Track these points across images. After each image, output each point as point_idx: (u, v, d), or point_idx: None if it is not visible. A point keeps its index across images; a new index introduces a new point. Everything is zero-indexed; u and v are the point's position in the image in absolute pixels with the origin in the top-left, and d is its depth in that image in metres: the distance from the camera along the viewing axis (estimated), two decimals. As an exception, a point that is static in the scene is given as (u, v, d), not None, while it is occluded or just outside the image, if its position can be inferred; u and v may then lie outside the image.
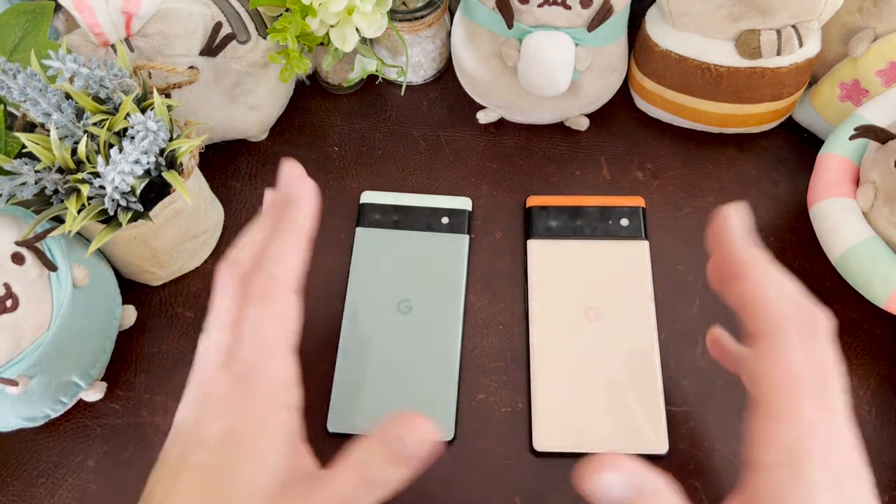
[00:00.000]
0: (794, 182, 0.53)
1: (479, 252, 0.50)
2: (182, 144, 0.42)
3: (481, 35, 0.49)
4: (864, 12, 0.47)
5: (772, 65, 0.47)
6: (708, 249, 0.36)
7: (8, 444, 0.44)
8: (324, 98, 0.58)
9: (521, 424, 0.45)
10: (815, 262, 0.49)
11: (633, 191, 0.53)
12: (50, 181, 0.40)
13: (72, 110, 0.41)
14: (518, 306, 0.48)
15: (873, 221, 0.43)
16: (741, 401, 0.45)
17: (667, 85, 0.51)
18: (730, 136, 0.55)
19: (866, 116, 0.46)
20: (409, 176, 0.54)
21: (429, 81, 0.58)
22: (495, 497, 0.43)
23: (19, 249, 0.39)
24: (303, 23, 0.46)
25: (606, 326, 0.47)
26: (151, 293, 0.49)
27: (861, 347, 0.47)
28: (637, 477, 0.30)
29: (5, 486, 0.43)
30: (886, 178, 0.41)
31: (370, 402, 0.45)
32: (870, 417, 0.44)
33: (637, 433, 0.43)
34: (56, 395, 0.41)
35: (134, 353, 0.47)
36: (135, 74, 0.44)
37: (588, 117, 0.55)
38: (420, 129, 0.56)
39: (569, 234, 0.50)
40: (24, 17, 0.43)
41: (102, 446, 0.44)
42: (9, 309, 0.38)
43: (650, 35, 0.50)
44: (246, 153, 0.55)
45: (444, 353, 0.46)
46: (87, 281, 0.42)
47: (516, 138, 0.55)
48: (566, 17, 0.46)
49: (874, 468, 0.43)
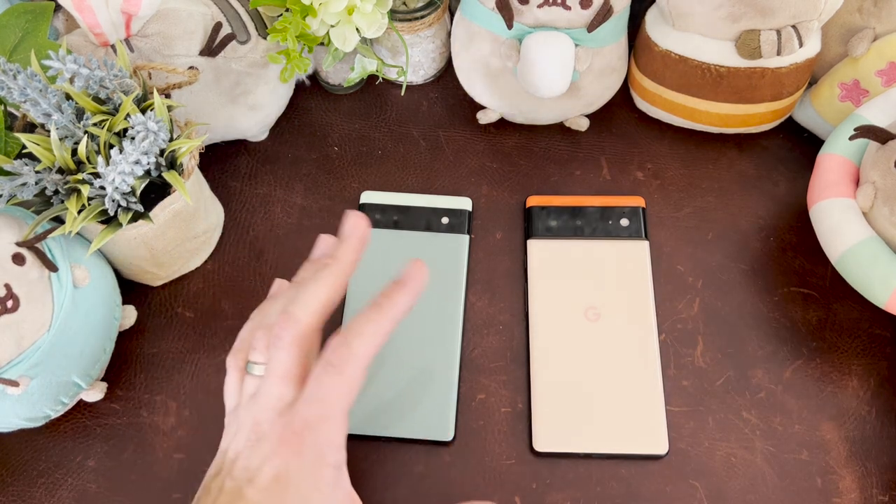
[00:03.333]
0: (794, 182, 0.53)
1: (479, 252, 0.50)
2: (182, 145, 0.42)
3: (481, 35, 0.49)
4: (864, 12, 0.47)
5: (772, 65, 0.47)
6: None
7: (8, 444, 0.44)
8: (324, 98, 0.58)
9: (521, 424, 0.45)
10: (815, 262, 0.50)
11: (633, 191, 0.53)
12: (50, 182, 0.40)
13: (72, 111, 0.41)
14: (518, 306, 0.48)
15: (873, 221, 0.43)
16: (741, 401, 0.45)
17: (667, 85, 0.51)
18: (730, 136, 0.55)
19: (866, 116, 0.46)
20: (409, 176, 0.54)
21: (429, 81, 0.58)
22: (495, 497, 0.43)
23: (20, 250, 0.39)
24: (303, 23, 0.46)
25: (606, 326, 0.47)
26: (151, 293, 0.49)
27: (861, 347, 0.47)
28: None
29: (5, 486, 0.43)
30: (886, 178, 0.41)
31: (370, 403, 0.45)
32: (870, 417, 0.45)
33: (637, 433, 0.43)
34: (56, 396, 0.41)
35: (134, 353, 0.47)
36: (135, 75, 0.44)
37: (588, 117, 0.55)
38: (420, 129, 0.56)
39: (569, 234, 0.50)
40: (24, 18, 0.43)
41: (102, 446, 0.44)
42: (9, 309, 0.38)
43: (650, 35, 0.50)
44: (246, 153, 0.55)
45: (444, 353, 0.46)
46: (87, 281, 0.42)
47: (516, 138, 0.55)
48: (566, 18, 0.46)
49: (874, 468, 0.43)
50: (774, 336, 0.47)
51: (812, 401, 0.45)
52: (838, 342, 0.47)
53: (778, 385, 0.46)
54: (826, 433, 0.44)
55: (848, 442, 0.44)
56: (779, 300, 0.48)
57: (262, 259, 0.50)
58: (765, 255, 0.50)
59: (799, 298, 0.48)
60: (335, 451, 0.33)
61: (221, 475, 0.33)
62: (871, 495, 0.42)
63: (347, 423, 0.34)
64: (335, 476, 0.33)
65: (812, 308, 0.48)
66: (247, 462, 0.33)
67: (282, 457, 0.32)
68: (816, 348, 0.47)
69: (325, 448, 0.33)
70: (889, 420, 0.45)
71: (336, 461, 0.34)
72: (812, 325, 0.48)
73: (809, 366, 0.46)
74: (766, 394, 0.45)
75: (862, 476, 0.43)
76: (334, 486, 0.33)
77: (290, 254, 0.51)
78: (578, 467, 0.43)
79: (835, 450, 0.44)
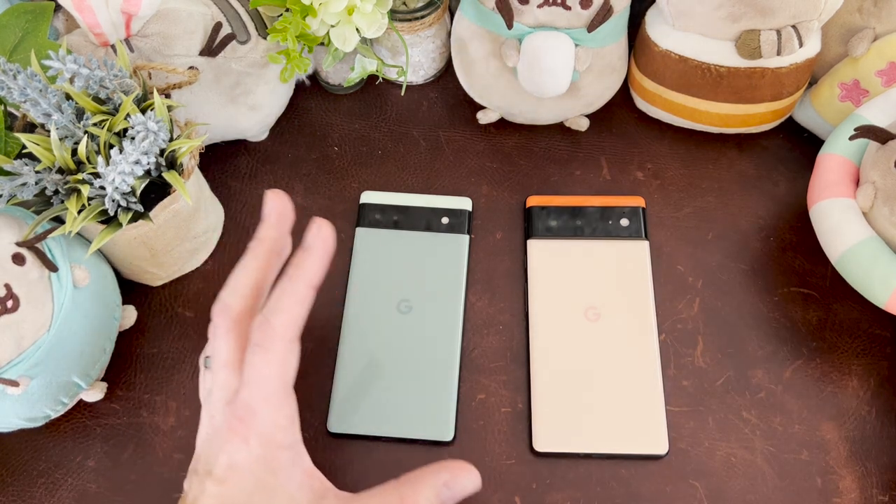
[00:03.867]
0: (794, 182, 0.53)
1: (479, 252, 0.50)
2: (182, 145, 0.42)
3: (481, 35, 0.49)
4: (864, 12, 0.47)
5: (772, 65, 0.47)
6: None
7: (8, 444, 0.44)
8: (324, 98, 0.58)
9: (521, 424, 0.45)
10: (815, 262, 0.50)
11: (633, 191, 0.53)
12: (50, 182, 0.40)
13: (72, 111, 0.41)
14: (518, 306, 0.48)
15: (873, 221, 0.43)
16: (741, 401, 0.45)
17: (667, 85, 0.51)
18: (730, 136, 0.55)
19: (866, 116, 0.46)
20: (409, 176, 0.54)
21: (429, 81, 0.58)
22: (495, 497, 0.43)
23: (20, 250, 0.39)
24: (303, 23, 0.46)
25: (606, 326, 0.47)
26: (151, 293, 0.49)
27: (861, 347, 0.47)
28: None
29: (5, 486, 0.43)
30: (886, 178, 0.41)
31: (370, 403, 0.45)
32: (870, 417, 0.45)
33: (637, 433, 0.43)
34: (56, 396, 0.41)
35: (134, 353, 0.47)
36: (135, 75, 0.44)
37: (588, 117, 0.55)
38: (420, 129, 0.56)
39: (569, 234, 0.50)
40: (24, 17, 0.43)
41: (102, 446, 0.44)
42: (9, 309, 0.38)
43: (650, 35, 0.50)
44: (246, 153, 0.55)
45: (444, 353, 0.46)
46: (87, 281, 0.42)
47: (516, 138, 0.55)
48: (566, 18, 0.46)
49: (874, 468, 0.43)
50: (774, 336, 0.47)
51: (812, 401, 0.45)
52: (838, 342, 0.47)
53: (778, 385, 0.46)
54: (826, 433, 0.44)
55: (848, 442, 0.44)
56: (779, 300, 0.48)
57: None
58: (765, 255, 0.50)
59: (799, 298, 0.49)
60: (282, 432, 0.33)
61: (190, 474, 0.34)
62: (871, 495, 0.42)
63: (292, 400, 0.34)
64: (291, 457, 0.33)
65: (812, 308, 0.48)
66: (206, 456, 0.33)
67: (232, 445, 0.32)
68: (816, 348, 0.47)
69: (271, 430, 0.33)
70: (889, 420, 0.45)
71: (287, 441, 0.33)
72: (812, 325, 0.48)
73: (809, 366, 0.46)
74: (766, 394, 0.45)
75: (862, 476, 0.43)
76: (291, 466, 0.33)
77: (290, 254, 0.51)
78: (578, 467, 0.43)
79: (835, 450, 0.44)
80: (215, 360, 0.34)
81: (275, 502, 0.32)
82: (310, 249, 0.35)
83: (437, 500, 0.33)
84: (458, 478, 0.33)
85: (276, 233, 0.36)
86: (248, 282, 0.35)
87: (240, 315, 0.34)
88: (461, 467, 0.33)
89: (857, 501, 0.42)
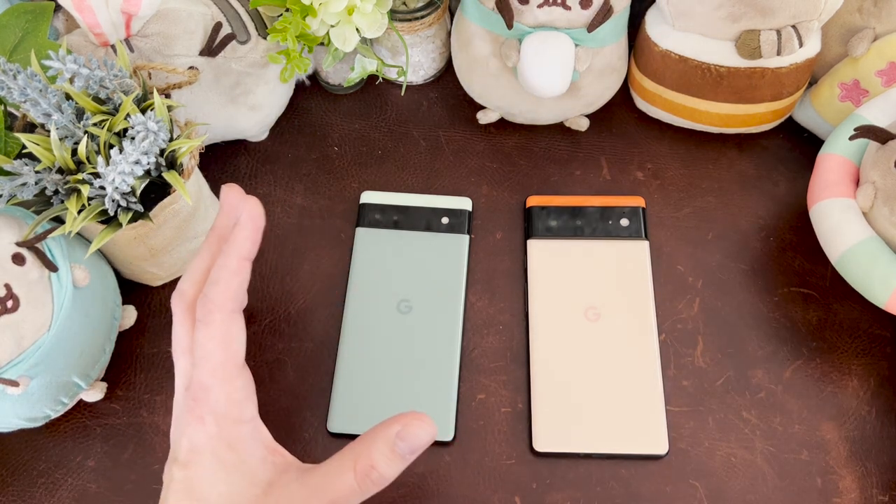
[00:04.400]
0: (794, 182, 0.53)
1: (479, 252, 0.50)
2: (182, 145, 0.42)
3: (481, 35, 0.49)
4: (864, 12, 0.47)
5: (772, 65, 0.47)
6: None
7: (8, 444, 0.44)
8: (324, 98, 0.58)
9: (521, 424, 0.45)
10: (815, 262, 0.50)
11: (633, 191, 0.53)
12: (50, 182, 0.40)
13: (72, 111, 0.41)
14: (518, 306, 0.48)
15: (873, 221, 0.43)
16: (741, 401, 0.45)
17: (667, 85, 0.51)
18: (730, 136, 0.55)
19: (866, 116, 0.46)
20: (409, 176, 0.54)
21: (429, 81, 0.58)
22: (495, 497, 0.43)
23: (20, 250, 0.39)
24: (303, 23, 0.46)
25: (606, 326, 0.47)
26: (151, 293, 0.49)
27: (861, 347, 0.47)
28: None
29: (5, 486, 0.43)
30: (886, 178, 0.41)
31: (370, 402, 0.45)
32: (870, 417, 0.45)
33: (637, 433, 0.43)
34: (56, 396, 0.41)
35: (134, 353, 0.47)
36: (135, 75, 0.44)
37: (588, 117, 0.55)
38: (420, 129, 0.56)
39: (569, 234, 0.50)
40: (24, 17, 0.43)
41: (102, 446, 0.44)
42: (9, 309, 0.38)
43: (650, 35, 0.50)
44: (246, 153, 0.55)
45: (444, 353, 0.46)
46: (87, 281, 0.42)
47: (516, 138, 0.55)
48: (566, 18, 0.46)
49: (874, 468, 0.43)
50: (774, 336, 0.47)
51: (812, 401, 0.45)
52: (838, 342, 0.47)
53: (778, 385, 0.46)
54: (826, 433, 0.44)
55: (848, 442, 0.44)
56: (779, 300, 0.48)
57: (262, 259, 0.50)
58: (765, 255, 0.50)
59: (799, 298, 0.49)
60: (236, 406, 0.33)
61: (166, 465, 0.34)
62: (871, 495, 0.42)
63: (245, 373, 0.34)
64: (249, 431, 0.34)
65: (812, 308, 0.48)
66: (174, 444, 0.34)
67: (191, 427, 0.33)
68: (816, 348, 0.47)
69: (225, 405, 0.33)
70: (889, 420, 0.45)
71: (244, 416, 0.33)
72: (812, 325, 0.48)
73: (809, 366, 0.46)
74: (766, 394, 0.45)
75: (862, 476, 0.43)
76: (250, 440, 0.33)
77: (290, 254, 0.51)
78: (578, 467, 0.43)
79: (835, 450, 0.44)
80: (175, 349, 0.35)
81: (237, 478, 0.32)
82: (239, 225, 0.35)
83: (392, 454, 0.32)
84: (410, 427, 0.33)
85: (228, 221, 0.37)
86: (201, 267, 0.36)
87: (193, 301, 0.35)
88: (413, 416, 0.33)
89: (857, 501, 0.42)
